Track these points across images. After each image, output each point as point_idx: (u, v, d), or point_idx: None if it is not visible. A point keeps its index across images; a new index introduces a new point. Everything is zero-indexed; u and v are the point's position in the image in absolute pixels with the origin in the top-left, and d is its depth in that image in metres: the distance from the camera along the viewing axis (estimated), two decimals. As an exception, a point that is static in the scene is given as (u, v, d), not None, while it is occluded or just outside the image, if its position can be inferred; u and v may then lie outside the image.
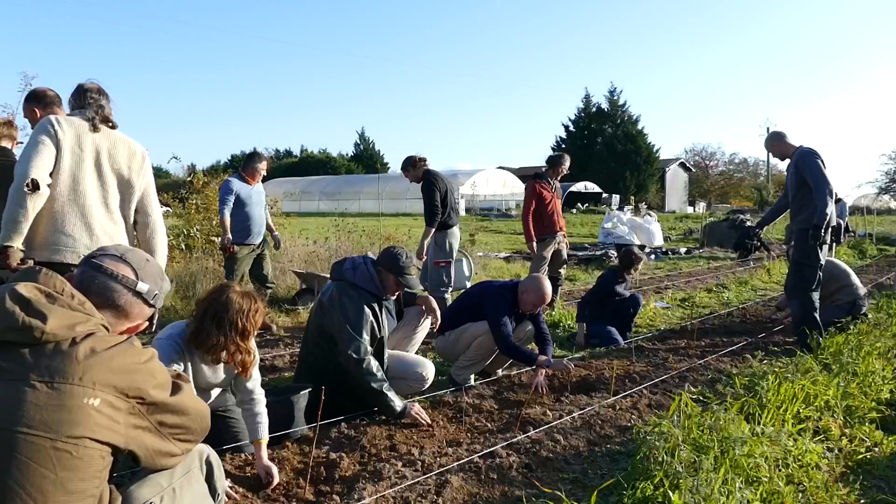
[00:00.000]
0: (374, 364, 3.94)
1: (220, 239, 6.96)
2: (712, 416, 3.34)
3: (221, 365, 3.14)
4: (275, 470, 3.10)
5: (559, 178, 7.93)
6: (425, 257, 6.92)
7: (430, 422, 3.94)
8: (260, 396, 3.25)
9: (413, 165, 7.00)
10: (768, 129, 52.92)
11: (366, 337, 3.98)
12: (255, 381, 3.25)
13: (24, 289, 1.57)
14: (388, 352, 4.25)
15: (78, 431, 1.47)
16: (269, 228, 7.24)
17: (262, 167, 6.84)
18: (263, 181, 7.04)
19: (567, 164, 7.95)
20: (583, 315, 6.56)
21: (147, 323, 1.92)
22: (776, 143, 6.13)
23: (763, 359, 4.95)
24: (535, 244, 7.64)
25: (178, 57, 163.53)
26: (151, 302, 1.85)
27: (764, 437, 3.28)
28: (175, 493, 1.84)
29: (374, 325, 4.08)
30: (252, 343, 3.07)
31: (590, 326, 6.51)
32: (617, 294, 6.72)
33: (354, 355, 3.91)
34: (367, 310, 4.04)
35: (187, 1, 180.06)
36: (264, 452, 3.14)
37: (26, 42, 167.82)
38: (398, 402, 3.92)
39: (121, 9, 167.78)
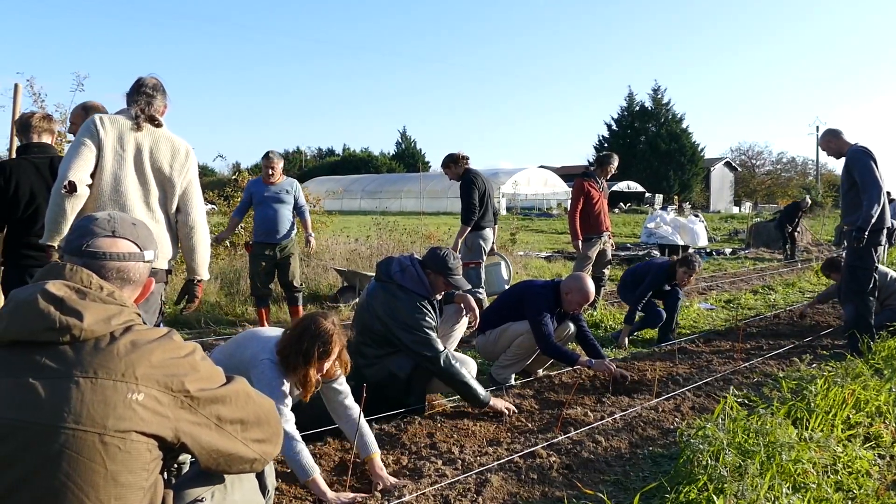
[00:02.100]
0: (450, 356, 4.05)
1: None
2: (758, 419, 3.28)
3: None
4: (390, 481, 3.09)
5: (607, 178, 7.87)
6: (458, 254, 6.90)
7: (514, 411, 4.13)
8: (357, 410, 3.28)
9: (455, 162, 6.96)
10: (818, 127, 51.69)
11: (433, 334, 4.07)
12: (346, 395, 3.31)
13: (55, 287, 1.57)
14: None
15: (124, 425, 1.48)
16: (305, 228, 7.20)
17: (270, 165, 6.77)
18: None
19: (615, 163, 7.88)
20: (626, 297, 6.67)
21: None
22: (832, 139, 5.93)
23: (811, 362, 4.84)
24: (580, 243, 7.57)
25: (223, 57, 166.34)
26: (156, 264, 1.87)
27: (812, 443, 3.21)
28: (226, 488, 1.84)
29: (433, 321, 4.16)
30: (331, 368, 3.11)
31: (633, 306, 6.58)
32: (661, 293, 6.66)
33: (428, 353, 4.00)
34: (423, 308, 4.10)
35: (233, 1, 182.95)
36: (379, 465, 3.15)
37: (77, 43, 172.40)
38: (482, 392, 4.06)
39: (168, 10, 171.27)
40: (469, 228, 6.82)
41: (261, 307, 6.87)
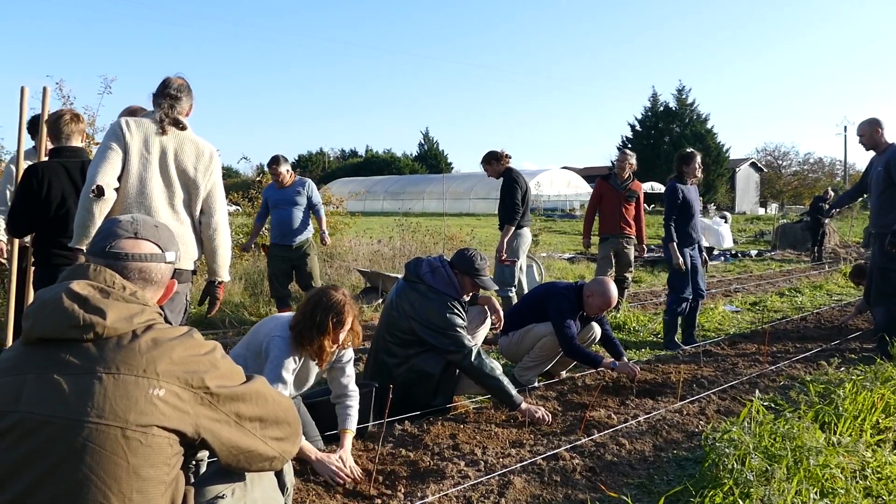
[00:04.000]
0: (483, 355, 4.07)
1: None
2: (785, 423, 3.24)
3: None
4: (350, 462, 3.19)
5: (622, 178, 7.78)
6: (505, 255, 6.83)
7: (549, 420, 3.97)
8: (354, 393, 3.42)
9: (497, 160, 6.89)
10: (846, 127, 50.99)
11: (463, 332, 4.09)
12: (349, 378, 3.43)
13: (79, 286, 1.61)
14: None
15: (145, 420, 1.51)
16: (319, 225, 7.19)
17: (276, 169, 6.84)
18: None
19: (628, 160, 7.76)
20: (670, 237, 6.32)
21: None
22: (878, 129, 5.71)
23: (839, 366, 4.77)
24: (587, 240, 8.05)
25: (247, 59, 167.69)
26: (181, 265, 1.90)
27: (840, 448, 3.16)
28: (246, 486, 1.87)
29: (463, 321, 4.18)
30: (344, 339, 3.20)
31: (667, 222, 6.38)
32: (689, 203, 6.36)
33: (460, 351, 4.04)
34: (454, 308, 4.13)
35: (256, 4, 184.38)
36: (348, 443, 3.27)
37: (104, 46, 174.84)
38: (514, 391, 4.03)
39: (193, 12, 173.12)
40: (514, 228, 6.76)
41: (282, 308, 6.92)
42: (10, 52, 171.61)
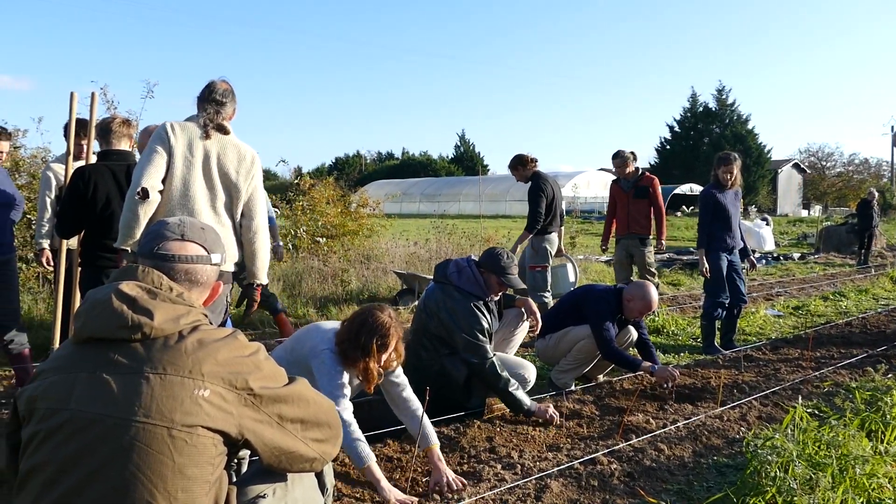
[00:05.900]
0: (497, 364, 4.05)
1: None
2: (830, 431, 3.17)
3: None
4: (449, 475, 3.10)
5: (626, 178, 7.69)
6: (534, 262, 6.80)
7: (558, 421, 4.02)
8: (416, 403, 3.34)
9: (523, 164, 6.90)
10: (892, 127, 49.73)
11: (483, 339, 4.08)
12: (403, 387, 3.36)
13: (128, 287, 1.65)
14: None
15: (191, 420, 1.54)
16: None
17: None
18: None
19: (621, 161, 7.66)
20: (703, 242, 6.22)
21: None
22: None
23: (886, 372, 4.65)
24: (605, 245, 8.32)
25: (285, 63, 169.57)
26: (222, 267, 1.93)
27: (888, 457, 3.09)
28: (287, 486, 1.89)
29: (487, 325, 4.15)
30: (388, 359, 3.15)
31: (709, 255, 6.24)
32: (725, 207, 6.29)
33: (476, 360, 4.03)
34: (477, 312, 4.11)
35: (295, 8, 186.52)
36: (436, 457, 3.17)
37: (146, 50, 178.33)
38: (526, 401, 4.03)
39: (232, 18, 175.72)
40: (531, 235, 6.76)
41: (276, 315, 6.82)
42: (56, 56, 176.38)
